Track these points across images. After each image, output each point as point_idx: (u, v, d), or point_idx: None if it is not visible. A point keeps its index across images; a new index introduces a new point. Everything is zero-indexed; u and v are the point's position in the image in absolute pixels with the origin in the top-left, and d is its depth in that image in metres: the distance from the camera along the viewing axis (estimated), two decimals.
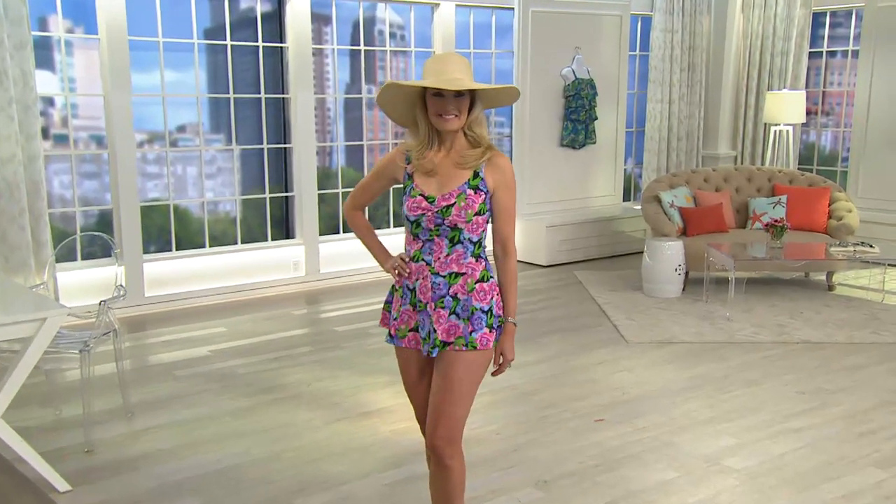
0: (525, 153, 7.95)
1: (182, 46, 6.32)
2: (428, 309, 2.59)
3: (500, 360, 2.62)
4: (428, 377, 2.69)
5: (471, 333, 2.56)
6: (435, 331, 2.57)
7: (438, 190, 2.55)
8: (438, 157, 2.58)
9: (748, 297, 6.37)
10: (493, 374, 2.64)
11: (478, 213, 2.54)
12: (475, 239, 2.57)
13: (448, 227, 2.54)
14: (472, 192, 2.53)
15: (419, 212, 2.55)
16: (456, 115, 2.48)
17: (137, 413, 4.16)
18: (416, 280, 2.60)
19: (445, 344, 2.56)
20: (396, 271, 2.66)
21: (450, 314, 2.56)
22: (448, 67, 2.48)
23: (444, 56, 2.53)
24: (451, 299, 2.57)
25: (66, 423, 4.02)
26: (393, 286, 2.73)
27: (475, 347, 2.56)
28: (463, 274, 2.57)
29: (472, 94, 2.52)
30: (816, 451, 3.73)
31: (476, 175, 2.55)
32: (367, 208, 2.85)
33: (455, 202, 2.52)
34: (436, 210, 2.53)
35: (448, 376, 2.56)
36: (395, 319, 2.69)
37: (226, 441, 3.84)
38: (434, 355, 2.59)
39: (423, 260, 2.59)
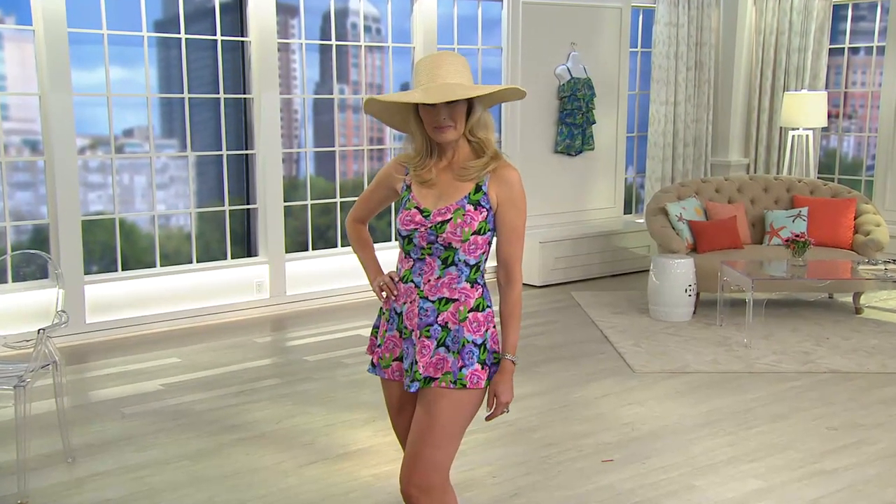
0: (516, 161, 7.91)
1: (130, 40, 6.25)
2: (413, 337, 2.55)
3: (494, 403, 2.56)
4: (411, 413, 2.64)
5: (461, 369, 2.51)
6: (417, 362, 2.52)
7: (435, 204, 2.52)
8: (439, 167, 2.56)
9: (767, 321, 6.38)
10: (487, 418, 2.61)
11: (477, 233, 2.49)
12: (472, 262, 2.52)
13: (441, 245, 2.50)
14: (471, 207, 2.49)
15: (412, 226, 2.52)
16: (452, 126, 2.46)
17: (80, 457, 4.05)
18: (404, 303, 2.57)
19: (430, 379, 2.51)
20: (383, 292, 2.62)
21: (437, 345, 2.52)
22: (439, 71, 2.46)
23: (436, 57, 2.50)
24: (439, 328, 2.52)
25: None
26: (381, 308, 2.69)
27: (464, 385, 2.51)
28: (455, 300, 2.53)
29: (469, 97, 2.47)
30: (856, 495, 3.70)
31: (478, 189, 2.50)
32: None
33: (451, 218, 2.48)
34: (429, 226, 2.50)
35: (431, 415, 2.51)
36: (379, 346, 2.66)
37: (183, 489, 3.74)
38: (413, 390, 2.53)
39: (412, 281, 2.56)
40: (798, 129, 8.03)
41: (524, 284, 7.64)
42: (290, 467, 3.97)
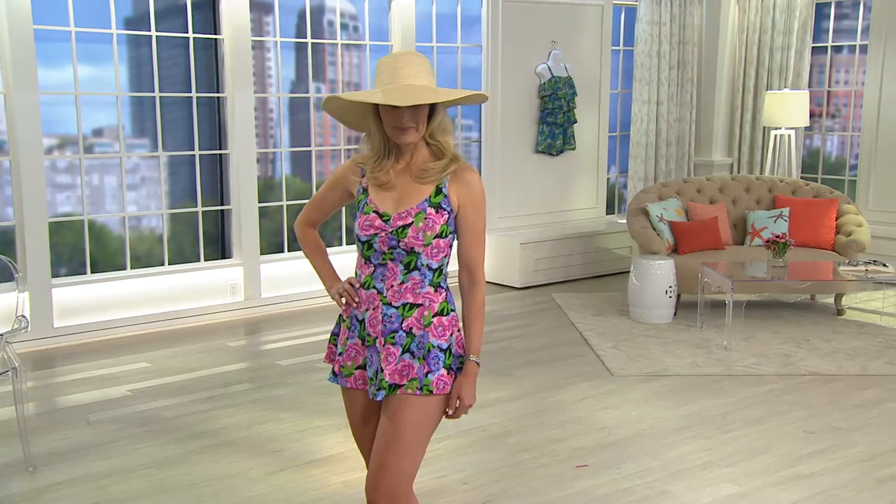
0: (496, 161, 7.93)
1: (99, 37, 6.19)
2: (377, 345, 2.52)
3: (457, 405, 2.53)
4: (375, 422, 2.62)
5: (426, 375, 2.49)
6: (382, 370, 2.49)
7: (395, 207, 2.49)
8: (397, 169, 2.53)
9: (748, 323, 6.39)
10: (448, 416, 2.57)
11: (439, 236, 2.48)
12: (435, 266, 2.51)
13: (403, 250, 2.48)
14: (432, 210, 2.47)
15: (371, 231, 2.49)
16: (413, 128, 2.44)
17: (41, 466, 4.00)
18: (366, 310, 2.54)
19: (395, 386, 2.48)
20: (343, 298, 2.59)
21: (402, 352, 2.50)
22: (403, 72, 2.44)
23: (398, 57, 2.47)
24: (403, 334, 2.50)
25: None
26: (340, 316, 2.66)
27: (431, 392, 2.49)
28: (419, 305, 2.51)
29: None
30: (831, 500, 3.70)
31: (438, 191, 2.49)
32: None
33: (412, 222, 2.46)
34: (390, 230, 2.47)
35: (396, 422, 2.49)
36: (339, 355, 2.63)
37: (148, 498, 3.70)
38: (379, 399, 2.51)
39: (374, 287, 2.53)
40: (780, 128, 8.05)
41: (505, 286, 7.65)
42: (258, 475, 3.94)
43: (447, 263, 2.56)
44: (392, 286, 2.50)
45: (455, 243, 2.55)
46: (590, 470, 3.98)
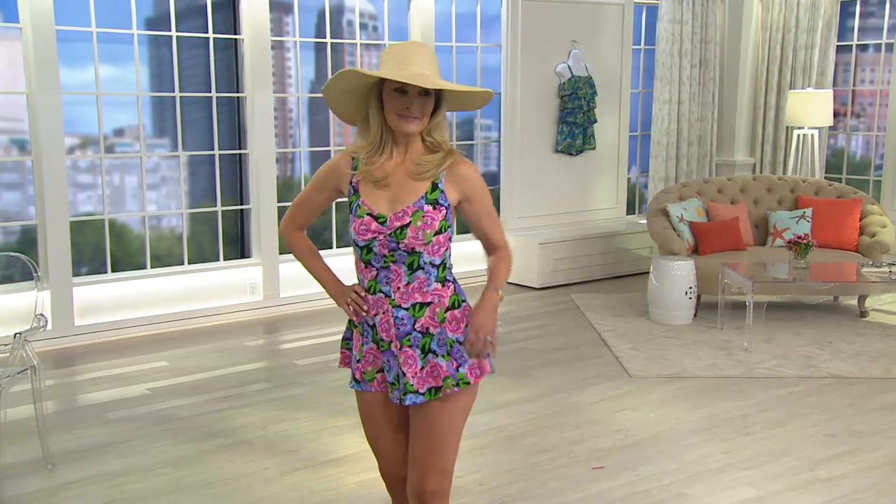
0: (515, 160, 7.90)
1: (120, 38, 6.23)
2: (392, 348, 2.49)
3: (473, 337, 2.41)
4: (399, 425, 2.61)
5: (457, 369, 2.48)
6: (404, 374, 2.47)
7: (390, 207, 2.44)
8: (391, 164, 2.47)
9: (769, 325, 6.32)
10: (469, 354, 2.45)
11: (438, 232, 2.45)
12: (437, 261, 2.48)
13: (404, 251, 2.44)
14: (430, 207, 2.44)
15: (369, 235, 2.44)
16: (418, 118, 2.40)
17: (60, 464, 4.02)
18: (375, 315, 2.51)
19: (435, 390, 2.46)
20: (352, 308, 2.55)
21: (424, 353, 2.47)
22: (413, 60, 2.39)
23: (407, 46, 2.43)
24: (419, 335, 2.47)
25: None
26: (350, 320, 2.63)
27: (468, 383, 2.49)
28: (429, 304, 2.48)
29: (438, 94, 2.43)
30: None
31: (434, 187, 2.45)
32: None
33: (410, 221, 2.42)
34: (388, 233, 2.43)
35: (434, 423, 2.49)
36: (358, 361, 2.59)
37: (163, 497, 3.71)
38: (407, 402, 2.48)
39: (380, 291, 2.49)
40: (803, 128, 7.96)
41: (524, 286, 7.62)
42: (273, 474, 3.94)
43: (449, 256, 2.53)
44: (398, 288, 2.47)
45: (449, 237, 2.51)
46: (607, 472, 3.95)
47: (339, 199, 2.62)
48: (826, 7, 8.43)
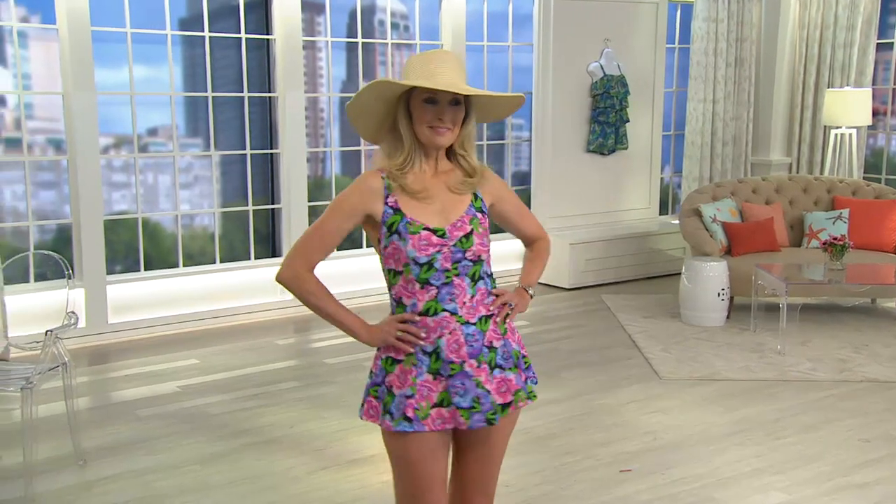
0: (547, 160, 7.86)
1: (154, 38, 6.30)
2: (466, 368, 2.32)
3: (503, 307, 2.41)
4: (445, 458, 2.43)
5: (526, 381, 2.45)
6: (489, 392, 2.34)
7: (444, 219, 2.33)
8: (426, 177, 2.37)
9: (804, 327, 6.23)
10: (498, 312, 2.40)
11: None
12: (490, 271, 2.42)
13: (470, 261, 2.34)
14: (480, 215, 2.40)
15: (431, 250, 2.30)
16: (450, 129, 2.31)
17: (91, 460, 4.08)
18: (439, 337, 2.31)
19: (505, 406, 2.37)
20: (405, 338, 2.32)
21: (492, 369, 2.36)
22: (442, 68, 2.29)
23: (434, 55, 2.34)
24: (487, 350, 2.36)
25: (7, 472, 3.95)
26: (387, 361, 2.36)
27: (536, 396, 2.50)
28: (490, 316, 2.38)
29: (467, 103, 2.35)
30: None
31: (476, 196, 2.41)
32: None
33: (472, 229, 2.35)
34: (452, 244, 2.31)
35: (495, 445, 2.45)
36: (410, 397, 2.32)
37: (189, 495, 3.74)
38: (496, 422, 2.36)
39: (443, 311, 2.32)
40: (841, 127, 7.84)
41: (555, 286, 7.58)
42: (300, 473, 3.95)
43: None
44: (464, 303, 2.33)
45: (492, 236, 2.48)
46: (634, 475, 3.91)
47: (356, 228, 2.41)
48: (866, 4, 8.28)
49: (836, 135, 7.94)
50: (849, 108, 7.63)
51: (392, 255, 2.33)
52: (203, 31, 6.43)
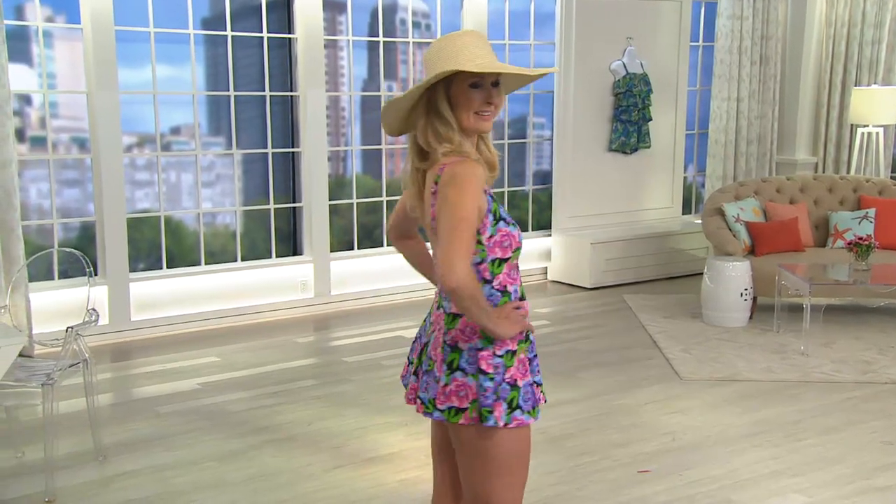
0: (568, 159, 7.83)
1: (176, 38, 6.35)
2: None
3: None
4: None
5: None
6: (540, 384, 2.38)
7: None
8: None
9: (828, 328, 6.16)
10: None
11: None
12: None
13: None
14: None
15: (519, 237, 2.32)
16: (493, 112, 2.23)
17: (111, 456, 4.12)
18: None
19: None
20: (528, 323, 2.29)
21: None
22: (483, 51, 2.18)
23: (460, 36, 2.20)
24: None
25: (28, 468, 3.99)
26: (506, 355, 2.23)
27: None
28: None
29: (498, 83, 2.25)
30: None
31: None
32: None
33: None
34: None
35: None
36: (538, 385, 2.30)
37: (206, 491, 3.77)
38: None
39: (525, 297, 2.35)
40: (868, 126, 7.75)
41: (575, 286, 7.55)
42: (316, 470, 3.97)
43: None
44: None
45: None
46: (652, 476, 3.89)
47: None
48: (894, 1, 8.18)
49: (862, 133, 7.85)
50: (876, 106, 7.55)
51: (500, 243, 2.22)
52: (225, 30, 6.47)
